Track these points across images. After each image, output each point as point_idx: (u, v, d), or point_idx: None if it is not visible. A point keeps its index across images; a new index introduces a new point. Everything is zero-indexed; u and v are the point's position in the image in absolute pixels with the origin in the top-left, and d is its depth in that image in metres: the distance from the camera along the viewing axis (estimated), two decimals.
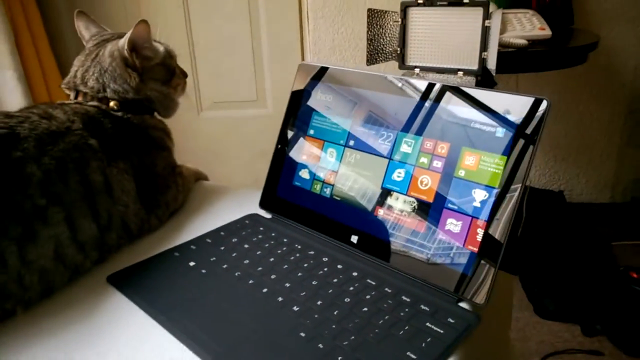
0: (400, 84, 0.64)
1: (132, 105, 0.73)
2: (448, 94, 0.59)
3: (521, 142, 0.52)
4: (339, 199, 0.67)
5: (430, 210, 0.58)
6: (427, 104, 0.61)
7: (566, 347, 1.35)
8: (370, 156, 0.65)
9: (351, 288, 0.56)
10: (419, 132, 0.61)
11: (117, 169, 0.66)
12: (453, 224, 0.55)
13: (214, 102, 1.97)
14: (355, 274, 0.59)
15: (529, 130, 0.52)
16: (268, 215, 0.75)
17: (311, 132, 0.72)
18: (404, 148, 0.62)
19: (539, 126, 0.52)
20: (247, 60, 1.92)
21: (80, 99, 0.73)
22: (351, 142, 0.67)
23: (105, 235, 0.63)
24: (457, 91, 0.59)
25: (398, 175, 0.62)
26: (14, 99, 1.45)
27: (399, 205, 0.61)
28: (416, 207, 0.59)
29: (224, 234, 0.70)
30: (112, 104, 0.72)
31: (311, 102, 0.73)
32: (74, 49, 1.74)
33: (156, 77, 0.77)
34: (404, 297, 0.54)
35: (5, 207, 0.52)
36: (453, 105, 0.58)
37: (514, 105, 0.54)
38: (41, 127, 0.60)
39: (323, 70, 0.73)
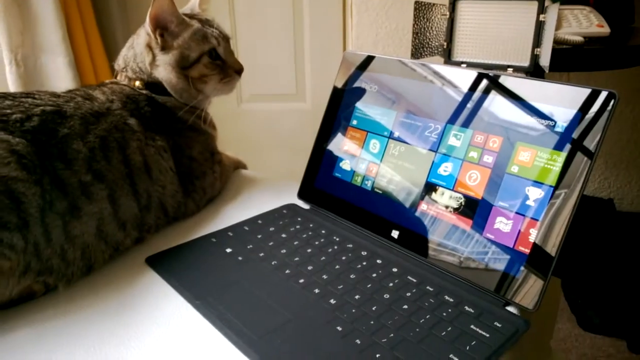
0: (449, 75, 0.62)
1: (153, 86, 0.71)
2: (502, 85, 0.56)
3: (583, 138, 0.49)
4: (380, 192, 0.65)
5: (479, 207, 0.55)
6: (479, 95, 0.58)
7: None
8: (415, 149, 0.62)
9: (391, 284, 0.54)
10: (469, 125, 0.58)
11: (155, 147, 0.65)
12: (503, 223, 0.52)
13: (253, 94, 1.98)
14: (395, 269, 0.57)
15: (592, 126, 0.49)
16: (306, 206, 0.73)
17: (354, 122, 0.70)
18: (452, 141, 0.59)
19: (605, 122, 0.48)
20: (289, 54, 1.91)
21: (117, 78, 0.74)
22: (395, 134, 0.65)
23: (145, 214, 0.63)
24: (514, 83, 0.56)
25: (444, 169, 0.59)
26: (64, 84, 1.49)
27: (444, 200, 0.58)
28: (463, 203, 0.56)
29: (261, 222, 0.69)
30: (137, 83, 0.71)
31: (355, 92, 0.71)
32: (121, 35, 1.77)
33: (170, 60, 0.70)
34: (446, 297, 0.51)
35: (52, 182, 0.52)
36: (508, 98, 0.55)
37: (577, 98, 0.50)
38: (85, 107, 0.60)
39: (369, 60, 0.70)
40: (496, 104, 0.56)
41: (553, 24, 1.18)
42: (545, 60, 1.19)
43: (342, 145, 0.71)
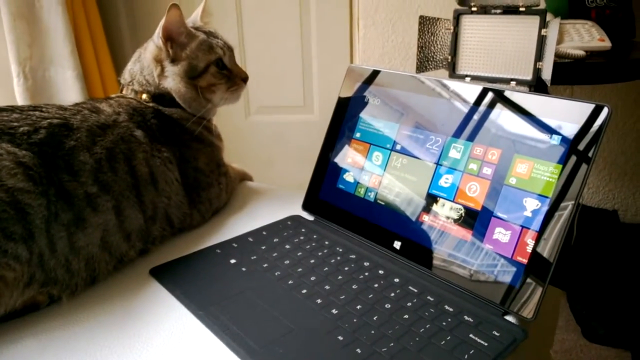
0: (452, 89, 0.63)
1: (159, 98, 0.72)
2: (501, 100, 0.57)
3: (578, 150, 0.49)
4: (383, 203, 0.65)
5: (478, 218, 0.55)
6: (480, 109, 0.59)
7: None
8: (417, 161, 0.63)
9: (392, 294, 0.55)
10: (470, 138, 0.59)
11: (161, 158, 0.67)
12: (502, 234, 0.53)
13: (260, 107, 1.99)
14: (396, 280, 0.57)
15: (587, 138, 0.49)
16: (310, 218, 0.74)
17: (357, 135, 0.71)
18: (453, 154, 0.60)
19: (599, 134, 0.49)
20: (296, 66, 1.93)
21: (124, 92, 0.75)
22: (398, 147, 0.66)
23: (150, 226, 0.64)
24: (511, 97, 0.56)
25: (445, 181, 0.60)
26: (72, 97, 1.51)
27: (445, 212, 0.59)
28: (463, 214, 0.57)
29: (265, 233, 0.70)
30: (144, 96, 0.72)
31: (359, 105, 0.72)
32: (129, 49, 1.80)
33: (179, 71, 0.71)
34: (446, 307, 0.52)
35: (58, 193, 0.54)
36: (506, 111, 0.56)
37: (572, 111, 0.51)
38: (92, 120, 0.62)
39: (372, 73, 0.72)
40: (494, 117, 0.57)
41: (554, 38, 1.19)
42: (547, 74, 1.20)
43: (346, 157, 0.72)
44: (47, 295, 0.54)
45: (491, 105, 0.58)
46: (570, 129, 0.51)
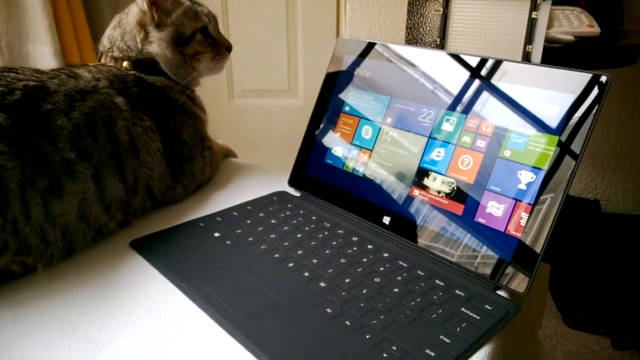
0: (442, 60, 0.61)
1: (141, 65, 0.70)
2: (497, 71, 0.56)
3: (575, 121, 0.48)
4: (372, 178, 0.64)
5: (470, 192, 0.54)
6: (475, 81, 0.57)
7: (594, 358, 1.28)
8: (409, 134, 0.62)
9: (381, 269, 0.53)
10: (464, 111, 0.57)
11: (142, 127, 0.64)
12: (495, 207, 0.52)
13: (245, 90, 1.96)
14: (386, 255, 0.56)
15: (584, 109, 0.48)
16: (297, 193, 0.72)
17: (347, 108, 0.69)
18: (446, 126, 0.58)
19: (596, 104, 0.48)
20: (281, 50, 1.90)
21: (102, 60, 0.72)
22: (388, 120, 0.64)
23: (131, 197, 0.62)
24: (508, 67, 0.55)
25: (437, 154, 0.58)
26: None
27: (437, 185, 0.57)
28: (455, 188, 0.56)
29: (250, 208, 0.68)
30: (125, 64, 0.70)
31: (348, 78, 0.70)
32: (109, 22, 1.75)
33: (165, 37, 0.69)
34: (437, 281, 0.51)
35: (34, 157, 0.51)
36: (502, 82, 0.55)
37: (569, 81, 0.50)
38: (70, 84, 0.59)
39: (362, 45, 0.70)
40: (490, 89, 0.56)
41: (545, 21, 1.18)
42: (536, 57, 1.20)
43: (334, 131, 0.70)
44: (21, 265, 0.52)
45: (487, 77, 0.56)
46: (567, 100, 0.50)
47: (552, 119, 0.50)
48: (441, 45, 1.35)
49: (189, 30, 0.71)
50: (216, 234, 0.61)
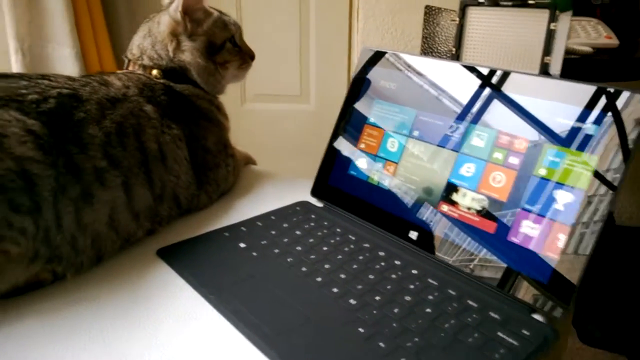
0: (473, 73, 0.61)
1: (171, 74, 0.71)
2: (529, 84, 0.55)
3: (616, 140, 0.48)
4: (398, 191, 0.63)
5: (503, 210, 0.54)
6: (506, 95, 0.57)
7: None
8: (436, 148, 0.61)
9: (411, 286, 0.53)
10: (494, 126, 0.57)
11: (170, 135, 0.64)
12: (529, 227, 0.51)
13: (257, 94, 1.96)
14: (414, 271, 0.55)
15: (625, 127, 0.48)
16: (320, 204, 0.72)
17: (372, 119, 0.69)
18: (475, 141, 0.58)
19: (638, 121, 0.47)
20: (294, 55, 1.90)
21: (130, 67, 0.73)
22: (415, 133, 0.64)
23: (158, 205, 0.62)
24: (541, 82, 0.55)
25: (467, 170, 0.58)
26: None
27: (467, 202, 0.57)
28: (486, 205, 0.55)
29: (274, 218, 0.67)
30: (154, 72, 0.70)
31: (373, 89, 0.70)
32: (127, 27, 1.75)
33: (198, 46, 0.71)
34: (470, 302, 0.50)
35: (67, 166, 0.50)
36: (535, 98, 0.54)
37: (610, 99, 0.49)
38: (101, 92, 0.59)
39: (387, 56, 0.69)
40: (522, 103, 0.55)
41: (565, 33, 1.18)
42: (555, 69, 1.19)
43: (359, 142, 0.70)
44: (51, 273, 0.51)
45: (519, 91, 0.56)
46: (607, 118, 0.49)
47: (591, 137, 0.49)
48: (457, 55, 1.34)
49: (220, 39, 0.73)
50: (242, 245, 0.60)
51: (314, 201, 0.73)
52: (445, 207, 0.58)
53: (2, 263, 0.46)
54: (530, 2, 1.22)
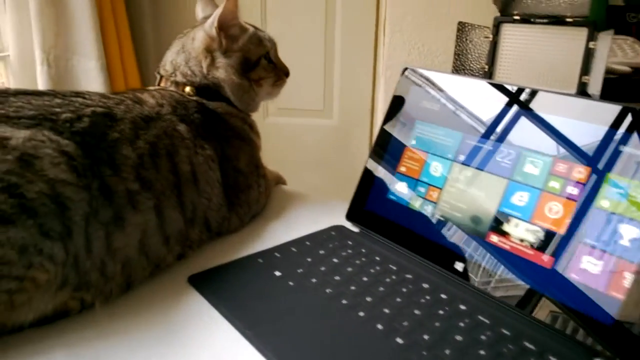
0: (524, 95, 0.57)
1: (204, 91, 0.68)
2: (588, 109, 0.52)
3: None
4: (442, 219, 0.60)
5: (561, 243, 0.50)
6: (563, 120, 0.53)
7: None
8: (485, 174, 0.58)
9: (461, 324, 0.49)
10: (550, 152, 0.53)
11: (203, 156, 0.62)
12: (591, 264, 0.47)
13: (279, 108, 1.95)
14: (463, 307, 0.52)
15: None
16: (355, 229, 0.69)
17: (413, 142, 0.66)
18: (529, 168, 0.54)
19: None
20: (318, 69, 1.88)
21: (162, 84, 0.71)
22: (461, 157, 0.60)
23: (189, 228, 0.59)
24: (602, 108, 0.51)
25: (520, 198, 0.54)
26: (95, 88, 1.46)
27: (519, 233, 0.53)
28: (542, 237, 0.51)
29: (309, 244, 0.64)
30: (187, 89, 0.68)
31: (415, 110, 0.66)
32: (151, 40, 1.75)
33: (233, 63, 0.69)
34: (526, 344, 0.46)
35: (99, 188, 0.48)
36: (596, 125, 0.51)
37: None
38: (135, 111, 0.57)
39: (431, 76, 0.66)
40: (582, 130, 0.51)
41: (606, 52, 1.14)
42: (595, 89, 1.15)
43: (398, 165, 0.66)
44: (79, 301, 0.49)
45: (577, 117, 0.52)
46: None
47: None
48: (489, 73, 1.31)
49: (255, 56, 0.71)
50: (277, 273, 0.57)
51: (349, 225, 0.70)
52: (495, 238, 0.55)
53: (29, 291, 0.44)
54: (568, 19, 1.18)
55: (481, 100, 0.61)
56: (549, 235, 0.51)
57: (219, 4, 0.74)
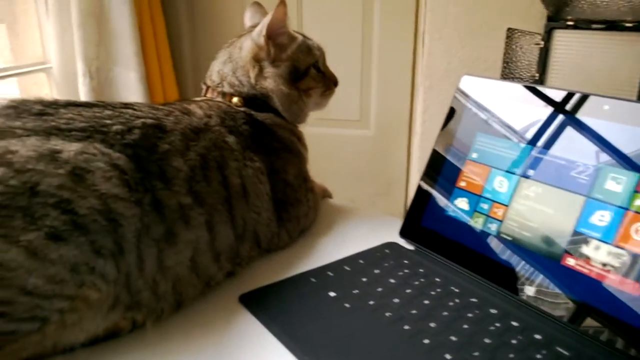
0: (600, 105, 0.53)
1: (252, 101, 0.66)
2: None
3: None
4: (509, 238, 0.55)
5: None
6: None
7: None
8: (558, 191, 0.53)
9: (538, 356, 0.44)
10: (634, 168, 0.48)
11: (253, 169, 0.59)
12: None
13: (315, 118, 1.92)
14: (537, 336, 0.47)
15: None
16: (410, 246, 0.65)
17: (474, 155, 0.62)
18: (611, 185, 0.49)
19: None
20: (355, 79, 1.85)
21: (209, 94, 0.68)
22: (529, 172, 0.56)
23: (239, 245, 0.56)
24: None
25: (600, 218, 0.49)
26: (134, 98, 1.47)
27: (601, 256, 0.48)
28: (628, 262, 0.46)
29: (363, 262, 0.61)
30: (234, 99, 0.66)
31: (475, 121, 0.62)
32: (189, 52, 1.75)
33: (281, 72, 0.67)
34: None
35: (151, 203, 0.46)
36: None
37: None
38: (184, 122, 0.55)
39: (493, 86, 0.62)
40: None
41: None
42: None
43: (458, 180, 0.62)
44: (130, 321, 0.46)
45: None
46: None
47: None
48: (540, 81, 1.25)
49: (304, 65, 0.68)
50: (331, 294, 0.54)
51: (403, 242, 0.66)
52: (571, 261, 0.50)
53: (81, 310, 0.42)
54: (627, 24, 1.12)
55: (549, 109, 0.56)
56: (637, 259, 0.46)
57: (269, 10, 0.72)
